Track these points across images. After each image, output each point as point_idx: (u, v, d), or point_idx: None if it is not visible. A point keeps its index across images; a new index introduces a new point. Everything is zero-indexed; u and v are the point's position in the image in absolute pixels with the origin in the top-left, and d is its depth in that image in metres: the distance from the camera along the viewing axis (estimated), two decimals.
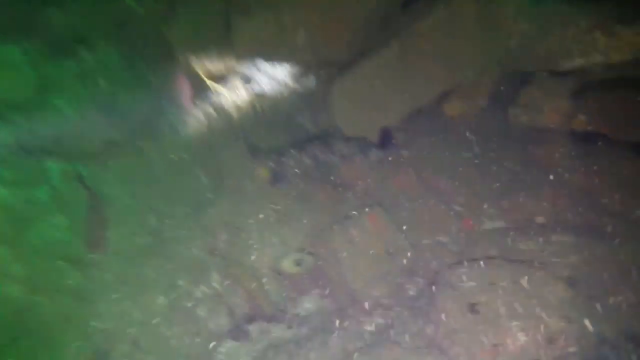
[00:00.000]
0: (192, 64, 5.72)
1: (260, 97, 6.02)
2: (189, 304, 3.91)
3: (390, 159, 4.67)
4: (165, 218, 4.80)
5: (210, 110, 6.07)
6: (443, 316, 2.94)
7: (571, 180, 3.86)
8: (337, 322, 3.54)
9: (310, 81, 5.97)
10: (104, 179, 5.35)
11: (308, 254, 3.89)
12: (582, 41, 3.71)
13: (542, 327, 2.53)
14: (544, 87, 4.06)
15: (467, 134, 4.65)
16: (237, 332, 3.55)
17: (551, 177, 3.86)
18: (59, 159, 5.62)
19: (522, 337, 2.51)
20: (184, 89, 6.06)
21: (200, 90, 6.13)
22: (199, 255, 4.27)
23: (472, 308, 2.80)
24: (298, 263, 3.81)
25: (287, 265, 3.84)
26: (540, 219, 3.68)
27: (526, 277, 2.91)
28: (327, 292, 3.96)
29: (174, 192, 5.06)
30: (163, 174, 5.36)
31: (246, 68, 6.41)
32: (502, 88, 4.41)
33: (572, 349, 2.49)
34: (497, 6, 4.29)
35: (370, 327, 3.46)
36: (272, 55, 5.09)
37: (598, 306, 2.67)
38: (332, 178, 4.66)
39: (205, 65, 5.78)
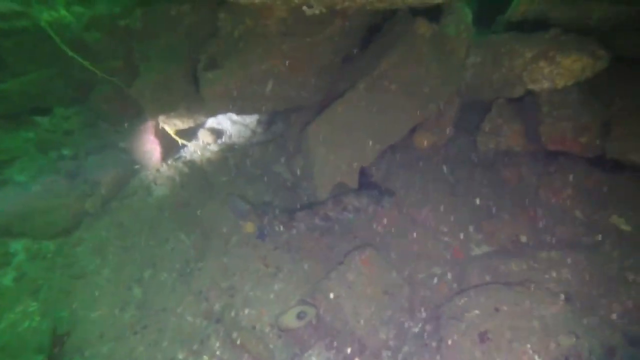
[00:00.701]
0: (160, 123, 5.72)
1: (233, 150, 6.08)
2: None
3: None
4: (151, 287, 4.66)
5: (184, 168, 6.05)
6: (453, 350, 3.01)
7: (543, 196, 4.13)
8: None
9: (281, 129, 6.13)
10: (78, 255, 5.16)
11: (309, 305, 3.86)
12: (530, 70, 4.10)
13: (553, 346, 2.66)
14: (504, 113, 4.40)
15: (440, 164, 4.89)
16: None
17: (525, 196, 4.11)
18: (25, 239, 5.36)
19: (538, 359, 2.62)
20: (154, 149, 6.02)
21: (171, 148, 6.12)
22: (194, 323, 4.15)
23: (483, 337, 2.89)
24: (300, 317, 3.78)
25: (289, 320, 3.80)
26: (523, 238, 3.91)
27: (526, 298, 3.06)
28: (332, 342, 3.94)
29: (156, 259, 4.94)
30: (142, 240, 5.24)
31: (217, 122, 6.49)
32: (466, 117, 4.71)
33: None
34: (449, 42, 4.65)
35: None
36: (242, 106, 5.18)
37: (599, 316, 2.84)
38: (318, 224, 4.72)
39: (174, 122, 5.80)
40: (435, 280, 3.90)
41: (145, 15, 5.58)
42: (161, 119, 5.81)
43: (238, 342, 3.71)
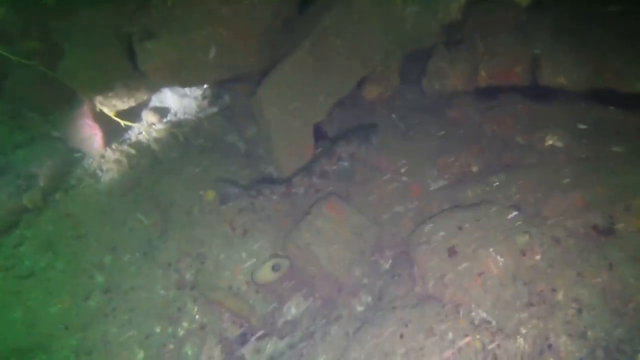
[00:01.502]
0: (98, 105, 5.46)
1: (180, 126, 5.94)
2: (173, 347, 3.74)
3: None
4: (114, 271, 4.53)
5: (130, 150, 5.83)
6: (427, 269, 3.27)
7: (487, 129, 4.50)
8: (329, 313, 3.69)
9: (229, 100, 6.07)
10: (22, 254, 4.88)
11: (282, 257, 3.97)
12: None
13: (512, 245, 2.98)
14: (444, 56, 4.69)
15: (390, 112, 5.13)
16: None
17: (471, 131, 4.46)
18: None
19: (500, 259, 2.93)
20: (94, 134, 5.74)
21: (113, 131, 5.86)
22: (167, 295, 4.11)
23: (451, 251, 3.17)
24: (275, 269, 3.88)
25: (264, 274, 3.88)
26: (474, 168, 4.25)
27: (483, 215, 3.37)
28: (309, 291, 4.08)
29: (116, 242, 4.79)
30: (96, 226, 5.04)
31: (160, 100, 6.29)
32: (410, 66, 4.97)
33: (538, 257, 2.97)
34: (393, 5, 4.84)
35: (361, 307, 3.66)
36: (185, 78, 5.07)
37: (540, 218, 3.21)
38: (274, 174, 4.82)
39: (113, 103, 5.55)
40: (399, 217, 4.14)
41: None
42: (98, 100, 5.53)
43: (216, 302, 3.73)
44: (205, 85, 6.10)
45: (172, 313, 3.92)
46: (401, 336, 2.84)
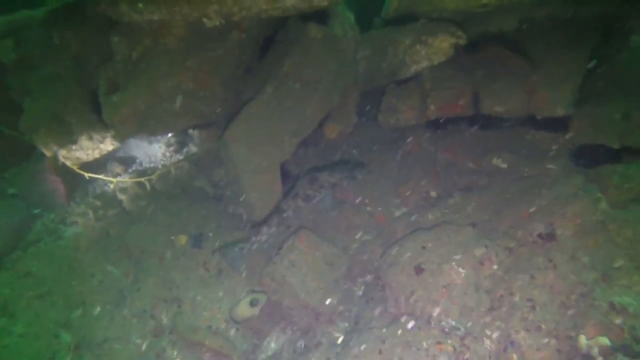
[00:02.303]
0: (60, 158, 5.57)
1: (146, 173, 6.11)
2: None
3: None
4: (84, 326, 4.50)
5: (95, 202, 5.91)
6: (397, 289, 3.56)
7: (440, 157, 5.01)
8: (308, 342, 3.86)
9: (194, 146, 6.34)
10: None
11: (258, 293, 4.14)
12: (410, 53, 5.02)
13: (471, 257, 3.35)
14: (396, 94, 5.25)
15: (350, 148, 5.58)
16: None
17: (427, 160, 4.95)
18: None
19: (462, 271, 3.28)
20: (56, 188, 5.81)
21: (76, 184, 5.95)
22: (144, 343, 4.13)
23: (418, 269, 3.49)
24: (253, 303, 4.04)
25: (243, 310, 4.03)
26: (433, 193, 4.69)
27: (444, 234, 3.76)
28: (287, 324, 4.24)
29: (84, 296, 4.78)
30: (60, 283, 5.02)
31: (124, 151, 6.46)
32: (367, 104, 5.50)
33: (495, 266, 3.35)
34: (339, 41, 5.42)
35: (338, 334, 3.87)
36: (153, 127, 5.33)
37: (494, 232, 3.63)
38: (244, 216, 5.06)
39: (77, 156, 5.68)
40: (368, 245, 4.46)
41: (20, 46, 5.48)
42: (61, 154, 5.66)
43: (196, 343, 3.82)
44: (170, 134, 6.34)
45: None
46: (380, 352, 3.07)
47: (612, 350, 2.41)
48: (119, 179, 6.08)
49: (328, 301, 4.05)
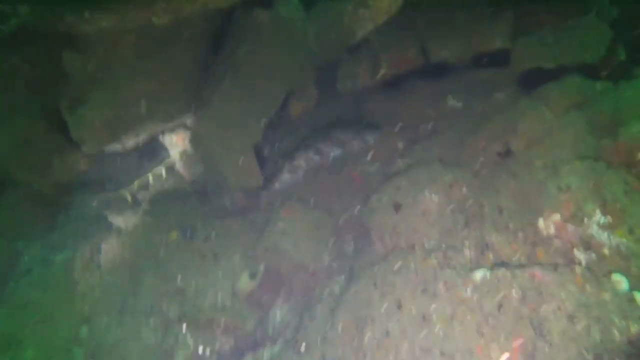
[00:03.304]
0: (33, 185, 5.70)
1: (126, 185, 6.30)
2: None
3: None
4: (93, 338, 4.69)
5: (77, 223, 6.06)
6: (380, 229, 3.93)
7: (401, 112, 5.41)
8: (309, 300, 4.19)
9: (167, 142, 6.56)
10: None
11: (256, 264, 4.45)
12: (355, 19, 5.39)
13: (441, 184, 3.75)
14: (350, 60, 5.62)
15: (316, 122, 5.94)
16: None
17: (390, 114, 5.34)
18: None
19: (434, 197, 3.67)
20: (34, 215, 5.94)
21: (55, 207, 6.09)
22: (156, 336, 4.38)
23: (396, 205, 3.86)
24: (253, 276, 4.33)
25: (244, 283, 4.32)
26: (400, 145, 5.08)
27: (415, 172, 4.14)
28: (288, 292, 4.55)
29: (87, 311, 4.97)
30: (59, 303, 5.15)
31: (101, 165, 6.61)
32: (325, 77, 5.86)
33: (464, 188, 3.76)
34: (287, 22, 5.74)
35: (337, 286, 4.21)
36: (121, 134, 5.54)
37: (459, 162, 4.04)
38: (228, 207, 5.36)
39: (51, 180, 5.82)
40: (349, 202, 4.82)
41: None
42: (35, 180, 5.80)
43: (206, 321, 4.09)
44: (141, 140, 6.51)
45: (166, 348, 4.19)
46: (375, 285, 3.42)
47: (563, 222, 2.83)
48: (99, 195, 6.26)
49: (322, 259, 4.38)
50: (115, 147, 6.04)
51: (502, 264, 2.91)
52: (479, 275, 2.84)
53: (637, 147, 3.02)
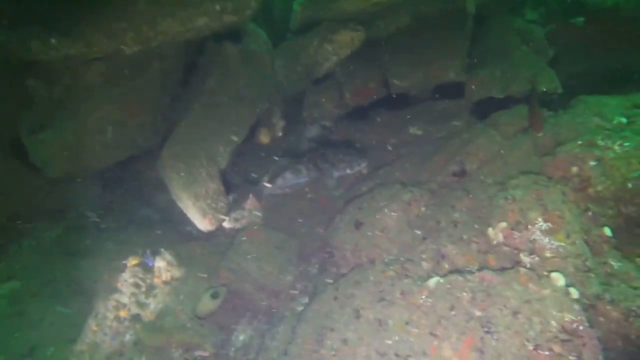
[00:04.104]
0: None
1: (91, 214, 6.24)
2: None
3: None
4: None
5: (30, 252, 5.94)
6: (343, 248, 4.07)
7: (369, 137, 5.70)
8: (272, 319, 4.22)
9: (134, 170, 6.59)
10: None
11: (218, 287, 4.44)
12: (320, 52, 5.76)
13: (400, 202, 3.95)
14: (316, 91, 5.95)
15: (283, 148, 6.15)
16: None
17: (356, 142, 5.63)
18: None
19: (394, 214, 3.86)
20: None
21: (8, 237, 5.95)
22: None
23: (357, 223, 4.03)
24: (214, 296, 4.32)
25: (205, 304, 4.30)
26: (364, 171, 5.32)
27: (377, 193, 4.35)
28: (252, 314, 4.55)
29: (32, 341, 4.80)
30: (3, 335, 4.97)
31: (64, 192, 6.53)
32: (293, 108, 6.16)
33: (423, 207, 3.97)
34: (256, 55, 6.08)
35: (300, 306, 4.26)
36: (86, 162, 5.57)
37: (419, 182, 4.28)
38: (189, 229, 5.40)
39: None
40: (315, 226, 4.95)
41: None
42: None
43: (164, 342, 4.02)
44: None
45: None
46: (335, 298, 3.51)
47: (510, 230, 3.05)
48: (59, 224, 6.17)
49: (285, 280, 4.43)
50: (79, 173, 6.05)
51: (455, 270, 3.07)
52: (433, 282, 2.98)
53: (572, 162, 3.34)
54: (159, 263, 4.77)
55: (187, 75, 6.42)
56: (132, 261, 5.10)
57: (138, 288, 4.83)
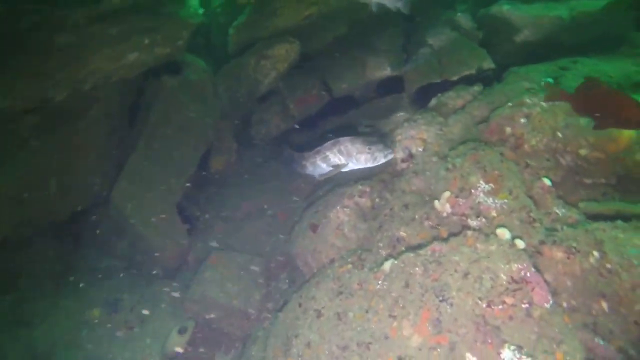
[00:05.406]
0: None
1: None
2: None
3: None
4: None
5: None
6: (303, 252, 3.99)
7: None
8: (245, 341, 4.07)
9: (91, 220, 6.39)
10: None
11: (185, 322, 4.28)
12: (259, 69, 5.83)
13: (351, 197, 3.93)
14: (261, 108, 5.98)
15: (239, 172, 6.11)
16: None
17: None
18: None
19: (346, 210, 3.82)
20: None
21: None
22: None
23: (313, 227, 3.97)
24: (181, 332, 4.15)
25: (173, 341, 4.12)
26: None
27: (330, 194, 4.32)
28: (228, 345, 4.39)
29: None
30: None
31: None
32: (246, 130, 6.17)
33: (377, 199, 3.95)
34: (196, 84, 6.10)
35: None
36: (31, 216, 5.38)
37: (372, 175, 4.28)
38: (155, 272, 5.23)
39: None
40: (275, 244, 4.87)
41: None
42: None
43: None
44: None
45: None
46: (299, 305, 3.40)
47: (454, 198, 3.04)
48: None
49: (253, 299, 4.30)
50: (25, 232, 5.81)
51: (408, 249, 3.03)
52: (387, 265, 2.92)
53: (505, 124, 3.39)
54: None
55: (132, 116, 6.36)
56: (94, 314, 4.89)
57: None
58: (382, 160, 3.72)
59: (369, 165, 3.79)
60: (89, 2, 4.87)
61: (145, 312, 4.55)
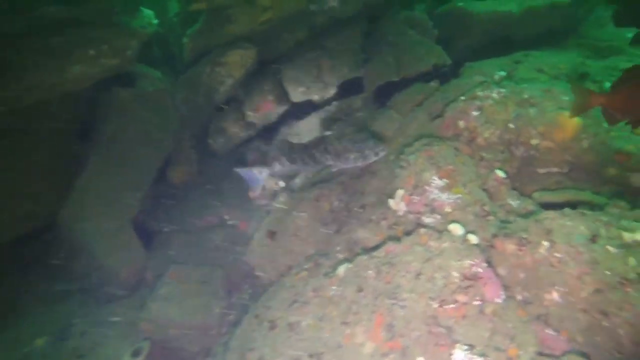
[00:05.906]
0: None
1: None
2: None
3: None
4: None
5: None
6: (261, 261, 3.84)
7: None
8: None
9: (41, 243, 6.06)
10: None
11: (140, 342, 4.04)
12: (215, 77, 5.66)
13: (309, 201, 3.80)
14: (219, 116, 5.81)
15: (201, 184, 5.92)
16: None
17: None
18: None
19: (304, 214, 3.69)
20: None
21: None
22: None
23: (270, 234, 3.82)
24: (135, 354, 3.91)
25: None
26: (281, 184, 5.14)
27: (290, 203, 4.18)
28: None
29: None
30: None
31: None
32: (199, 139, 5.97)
33: (336, 202, 3.82)
34: (152, 94, 5.89)
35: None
36: None
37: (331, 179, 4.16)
38: (112, 292, 4.97)
39: None
40: (239, 253, 4.69)
41: None
42: None
43: None
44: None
45: None
46: (256, 316, 3.23)
47: (409, 196, 2.94)
48: None
49: (213, 312, 4.11)
50: None
51: (362, 251, 2.90)
52: (342, 269, 2.79)
53: (458, 117, 3.33)
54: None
55: (83, 131, 6.09)
56: (37, 343, 4.59)
57: None
58: (374, 158, 3.55)
59: (359, 164, 3.62)
60: (25, 12, 4.64)
61: (99, 339, 4.28)
